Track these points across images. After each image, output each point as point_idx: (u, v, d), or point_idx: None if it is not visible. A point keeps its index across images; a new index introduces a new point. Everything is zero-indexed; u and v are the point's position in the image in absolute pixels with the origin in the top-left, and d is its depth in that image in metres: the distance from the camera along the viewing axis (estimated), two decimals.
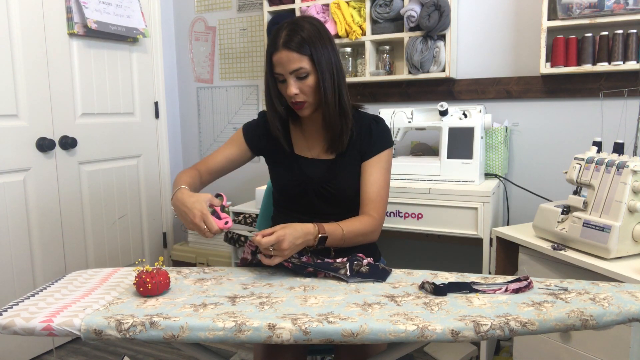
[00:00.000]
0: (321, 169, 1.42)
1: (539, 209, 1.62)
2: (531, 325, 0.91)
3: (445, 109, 2.00)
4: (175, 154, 3.08)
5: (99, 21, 2.36)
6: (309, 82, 1.30)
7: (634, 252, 1.40)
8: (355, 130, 1.41)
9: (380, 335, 0.90)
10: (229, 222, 1.22)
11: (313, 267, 1.19)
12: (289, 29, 1.29)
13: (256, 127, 1.49)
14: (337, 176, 1.40)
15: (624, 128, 1.96)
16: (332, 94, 1.33)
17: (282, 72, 1.30)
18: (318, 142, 1.45)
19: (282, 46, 1.28)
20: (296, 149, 1.46)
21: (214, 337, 0.91)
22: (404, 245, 2.50)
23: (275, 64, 1.31)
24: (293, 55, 1.27)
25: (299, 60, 1.28)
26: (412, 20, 2.13)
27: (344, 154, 1.41)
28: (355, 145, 1.41)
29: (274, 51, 1.30)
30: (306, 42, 1.28)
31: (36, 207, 2.21)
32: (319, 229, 1.23)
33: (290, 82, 1.30)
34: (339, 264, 1.20)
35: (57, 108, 2.28)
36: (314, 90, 1.32)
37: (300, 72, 1.29)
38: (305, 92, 1.31)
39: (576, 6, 1.85)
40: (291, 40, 1.28)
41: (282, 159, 1.46)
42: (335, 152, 1.41)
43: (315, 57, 1.29)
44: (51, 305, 1.03)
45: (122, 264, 2.67)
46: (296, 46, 1.27)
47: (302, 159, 1.44)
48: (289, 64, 1.28)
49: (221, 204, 1.25)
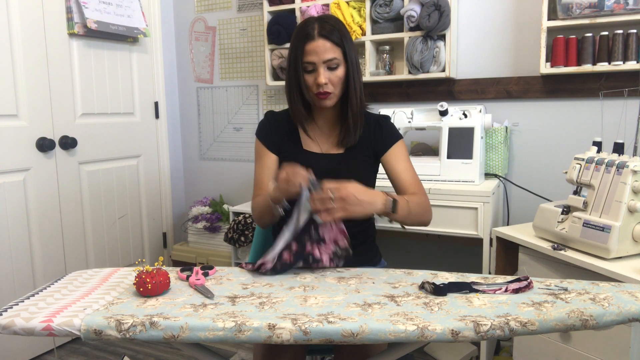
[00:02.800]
0: (331, 162, 1.45)
1: (539, 209, 1.62)
2: (531, 325, 0.91)
3: (445, 109, 2.00)
4: (175, 154, 3.08)
5: (99, 21, 2.36)
6: (338, 73, 1.35)
7: (634, 252, 1.40)
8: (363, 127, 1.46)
9: (380, 335, 0.89)
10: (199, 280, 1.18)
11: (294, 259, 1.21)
12: (321, 21, 1.35)
13: (267, 128, 1.51)
14: (347, 169, 1.42)
15: (624, 128, 1.96)
16: (358, 87, 1.40)
17: (314, 61, 1.33)
18: (327, 137, 1.48)
19: (318, 35, 1.32)
20: (304, 145, 1.48)
21: (214, 337, 0.91)
22: (404, 245, 2.50)
23: (308, 52, 1.34)
24: (329, 44, 1.33)
25: (333, 50, 1.33)
26: (412, 20, 2.13)
27: (354, 148, 1.44)
28: (365, 141, 1.45)
29: (309, 40, 1.33)
30: (340, 33, 1.34)
31: (36, 207, 2.21)
32: (386, 194, 1.24)
33: (320, 71, 1.34)
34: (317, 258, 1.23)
35: (57, 108, 2.28)
36: (341, 81, 1.37)
37: (332, 62, 1.33)
38: (333, 83, 1.36)
39: (576, 6, 1.85)
40: (327, 30, 1.33)
41: (291, 154, 1.48)
42: (345, 146, 1.45)
43: (347, 49, 1.35)
44: (51, 305, 1.03)
45: (122, 264, 2.67)
46: (332, 36, 1.33)
47: (310, 154, 1.47)
48: (324, 53, 1.32)
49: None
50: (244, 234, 2.30)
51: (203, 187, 3.07)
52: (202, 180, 3.07)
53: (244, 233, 2.30)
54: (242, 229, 2.31)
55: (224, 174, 2.98)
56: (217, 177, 2.99)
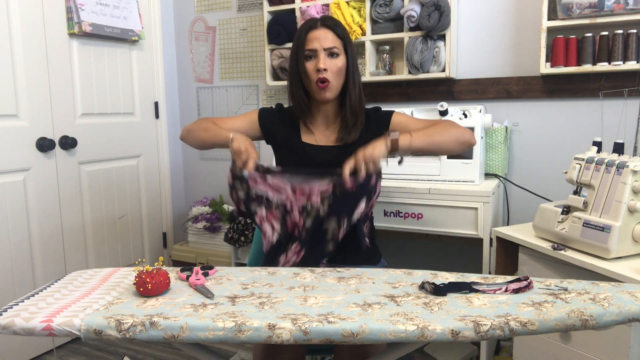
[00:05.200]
0: (329, 154, 1.47)
1: (539, 209, 1.62)
2: (531, 325, 0.91)
3: (445, 109, 2.00)
4: (175, 154, 3.08)
5: (94, 23, 2.35)
6: (338, 62, 1.42)
7: (634, 252, 1.40)
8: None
9: (380, 335, 0.89)
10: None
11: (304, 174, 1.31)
12: (324, 17, 1.46)
13: (272, 114, 1.56)
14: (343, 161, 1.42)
15: (624, 128, 1.96)
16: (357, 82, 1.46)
17: (316, 47, 1.40)
18: (326, 132, 1.50)
19: (321, 24, 1.43)
20: (303, 138, 1.51)
21: (214, 337, 0.91)
22: (404, 245, 2.50)
23: (310, 39, 1.41)
24: (330, 34, 1.42)
25: (334, 40, 1.42)
26: (412, 20, 2.13)
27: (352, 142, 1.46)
28: (363, 135, 1.47)
29: (312, 29, 1.42)
30: (341, 28, 1.44)
31: (36, 207, 2.21)
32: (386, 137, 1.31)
33: (321, 56, 1.40)
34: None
35: (57, 108, 2.28)
36: (340, 72, 1.42)
37: (333, 49, 1.41)
38: (332, 71, 1.41)
39: (576, 6, 1.85)
40: (330, 22, 1.43)
41: (290, 146, 1.51)
42: (344, 141, 1.47)
43: (347, 43, 1.44)
44: (51, 305, 1.03)
45: (122, 264, 2.67)
46: (334, 27, 1.43)
47: (309, 146, 1.50)
48: (325, 41, 1.41)
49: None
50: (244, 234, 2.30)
51: (203, 187, 3.07)
52: (202, 180, 3.07)
53: (244, 233, 2.30)
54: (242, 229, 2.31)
55: (224, 174, 2.97)
56: (217, 177, 2.99)
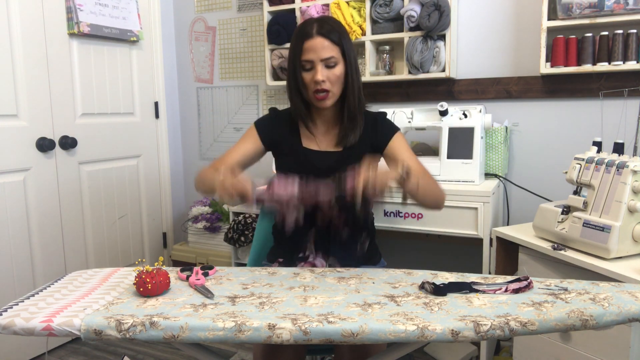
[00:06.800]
0: (330, 160, 1.45)
1: (539, 209, 1.62)
2: (531, 325, 0.91)
3: (445, 109, 2.00)
4: (175, 154, 3.08)
5: (92, 24, 2.35)
6: (336, 72, 1.36)
7: (634, 252, 1.40)
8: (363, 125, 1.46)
9: (380, 335, 0.89)
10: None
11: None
12: (320, 21, 1.38)
13: (267, 121, 1.53)
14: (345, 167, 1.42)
15: (624, 128, 1.96)
16: (356, 86, 1.41)
17: (312, 59, 1.35)
18: (327, 136, 1.49)
19: (317, 33, 1.35)
20: (304, 143, 1.49)
21: (214, 337, 0.91)
22: (404, 245, 2.50)
23: (306, 50, 1.35)
24: (327, 42, 1.34)
25: (331, 48, 1.35)
26: (412, 20, 2.13)
27: (353, 146, 1.45)
28: (363, 140, 1.46)
29: (307, 38, 1.35)
30: (338, 33, 1.37)
31: (36, 207, 2.21)
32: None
33: (318, 68, 1.35)
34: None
35: (57, 108, 2.28)
36: (339, 80, 1.38)
37: (330, 60, 1.35)
38: (331, 81, 1.36)
39: (576, 6, 1.85)
40: (325, 29, 1.35)
41: (290, 152, 1.49)
42: (344, 145, 1.45)
43: (346, 48, 1.37)
44: (51, 305, 1.03)
45: (122, 264, 2.67)
46: (330, 35, 1.35)
47: (309, 151, 1.48)
48: (322, 51, 1.34)
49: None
50: (244, 234, 2.30)
51: None
52: None
53: (244, 233, 2.30)
54: (242, 229, 2.31)
55: None
56: None
